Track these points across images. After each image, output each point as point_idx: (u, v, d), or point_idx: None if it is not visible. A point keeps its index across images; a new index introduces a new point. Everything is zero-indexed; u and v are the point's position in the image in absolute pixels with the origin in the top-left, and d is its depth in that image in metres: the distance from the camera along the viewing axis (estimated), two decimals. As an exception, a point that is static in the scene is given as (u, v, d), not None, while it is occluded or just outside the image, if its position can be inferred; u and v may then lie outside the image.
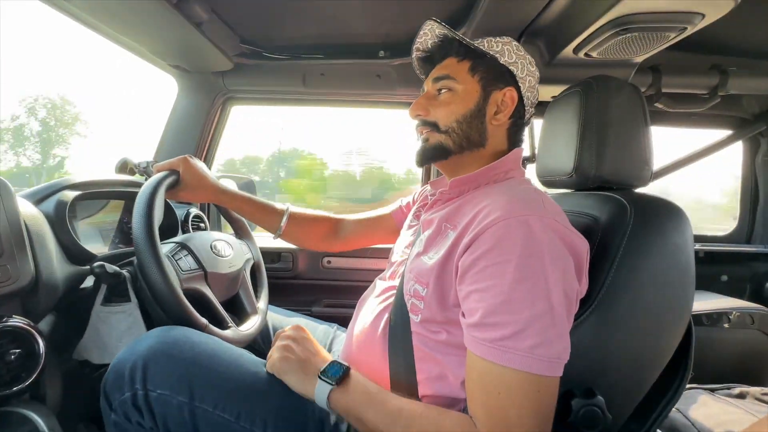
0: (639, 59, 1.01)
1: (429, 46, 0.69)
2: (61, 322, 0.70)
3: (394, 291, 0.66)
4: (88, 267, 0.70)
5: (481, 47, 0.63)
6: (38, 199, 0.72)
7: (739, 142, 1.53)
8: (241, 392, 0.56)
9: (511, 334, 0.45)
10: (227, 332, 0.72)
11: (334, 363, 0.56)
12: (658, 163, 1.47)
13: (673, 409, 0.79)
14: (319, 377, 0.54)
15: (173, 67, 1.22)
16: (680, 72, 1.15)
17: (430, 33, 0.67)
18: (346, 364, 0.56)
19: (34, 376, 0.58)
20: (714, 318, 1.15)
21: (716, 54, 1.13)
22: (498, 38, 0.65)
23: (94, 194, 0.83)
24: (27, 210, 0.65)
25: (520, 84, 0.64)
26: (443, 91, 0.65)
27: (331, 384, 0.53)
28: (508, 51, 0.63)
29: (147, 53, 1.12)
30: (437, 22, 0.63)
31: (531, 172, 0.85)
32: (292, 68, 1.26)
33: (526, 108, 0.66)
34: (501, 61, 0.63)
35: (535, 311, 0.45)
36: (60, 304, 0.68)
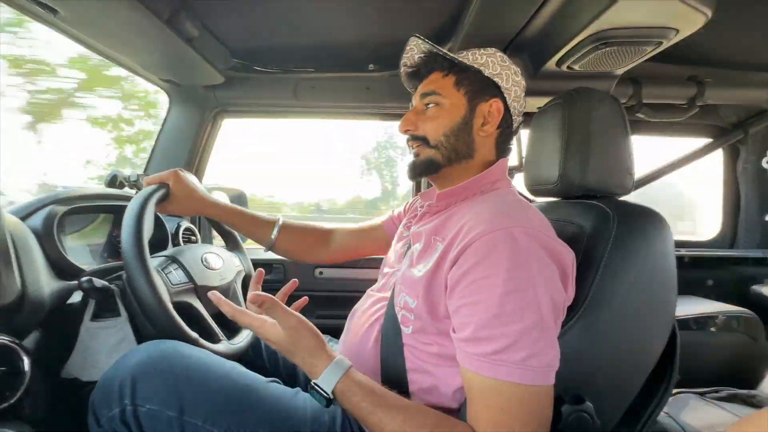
0: (620, 71, 1.04)
1: (416, 60, 0.71)
2: (46, 339, 0.69)
3: (386, 303, 0.66)
4: (76, 282, 0.70)
5: (465, 61, 0.64)
6: (26, 214, 0.71)
7: (719, 150, 1.58)
8: (231, 406, 0.55)
9: (504, 347, 0.45)
10: (218, 346, 0.71)
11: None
12: (640, 171, 1.52)
13: (663, 413, 0.80)
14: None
15: (165, 81, 1.23)
16: (660, 83, 1.20)
17: (415, 48, 0.68)
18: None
19: (18, 395, 0.56)
20: (701, 322, 1.16)
21: (694, 65, 1.18)
22: (483, 50, 0.66)
23: (83, 208, 0.82)
24: (14, 225, 0.65)
25: (505, 94, 0.65)
26: (430, 105, 0.66)
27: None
28: (492, 63, 0.65)
29: (138, 68, 1.13)
30: (421, 38, 0.64)
31: (519, 181, 0.87)
32: (283, 81, 1.27)
33: (513, 117, 0.68)
34: (486, 74, 0.64)
35: (526, 323, 0.46)
36: (46, 320, 0.67)
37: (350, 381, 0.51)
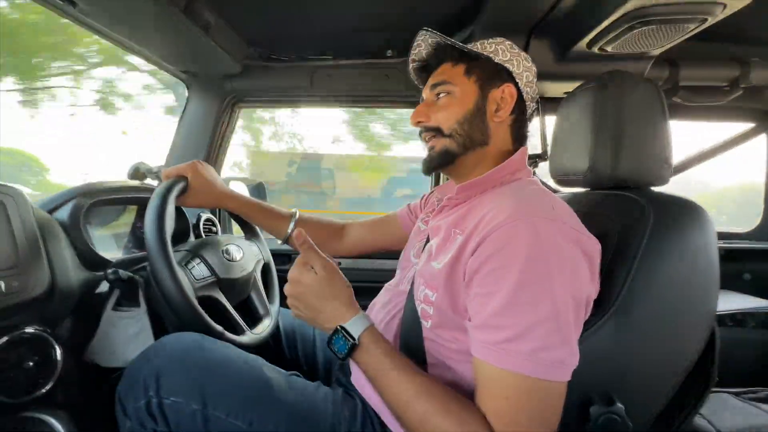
0: (656, 52, 0.97)
1: (424, 55, 0.70)
2: (78, 327, 0.71)
3: (405, 297, 0.65)
4: (103, 273, 0.71)
5: (475, 50, 0.63)
6: (54, 207, 0.73)
7: (763, 135, 1.47)
8: (253, 399, 0.56)
9: (513, 337, 0.45)
10: (243, 338, 0.72)
11: (338, 336, 0.53)
12: (676, 157, 1.44)
13: (698, 413, 0.77)
14: (328, 347, 0.54)
15: (182, 71, 1.24)
16: (699, 64, 1.11)
17: (423, 43, 0.67)
18: (353, 336, 0.52)
19: (51, 383, 0.59)
20: (738, 319, 1.11)
21: (737, 44, 1.09)
22: (491, 40, 0.65)
23: (107, 201, 0.84)
24: (42, 218, 0.67)
25: (517, 80, 0.64)
26: (441, 95, 0.65)
27: (338, 358, 0.53)
28: (501, 50, 0.63)
29: (157, 58, 1.13)
30: (429, 31, 0.63)
31: (542, 170, 0.83)
32: (300, 70, 1.26)
33: (526, 103, 0.66)
34: (496, 60, 0.63)
35: (539, 315, 0.45)
36: (77, 309, 0.69)
37: (376, 334, 0.54)
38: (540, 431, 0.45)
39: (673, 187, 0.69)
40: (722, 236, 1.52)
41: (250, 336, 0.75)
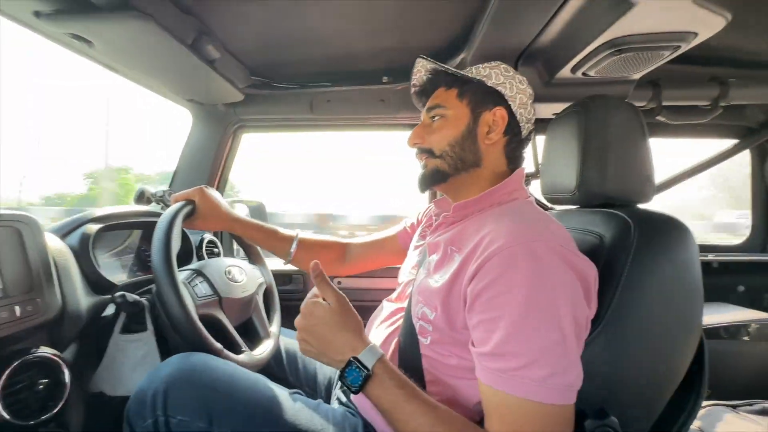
0: (637, 76, 1.03)
1: (423, 80, 0.74)
2: (83, 351, 0.73)
3: (403, 313, 0.67)
4: (110, 296, 0.73)
5: (468, 74, 0.67)
6: (64, 233, 0.76)
7: (746, 151, 1.52)
8: (257, 417, 0.57)
9: (525, 365, 0.45)
10: (241, 357, 0.73)
11: (352, 367, 0.52)
12: (663, 174, 1.48)
13: (694, 427, 0.78)
14: (340, 380, 0.53)
15: (188, 101, 1.29)
16: (680, 85, 1.16)
17: (422, 69, 0.72)
18: (364, 372, 0.51)
19: (60, 405, 0.60)
20: (732, 331, 1.12)
21: (715, 65, 1.14)
22: (486, 64, 0.68)
23: (115, 226, 0.87)
24: (54, 244, 0.69)
25: (509, 102, 0.66)
26: (436, 118, 0.68)
27: (351, 391, 0.52)
28: (495, 74, 0.66)
29: (164, 90, 1.19)
30: (424, 58, 0.68)
31: (535, 188, 0.87)
32: (300, 96, 1.31)
33: (521, 125, 0.67)
34: (488, 84, 0.66)
35: (548, 341, 0.45)
36: (83, 333, 0.71)
37: (388, 366, 0.53)
38: None
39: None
40: (715, 249, 1.54)
41: (249, 356, 0.76)
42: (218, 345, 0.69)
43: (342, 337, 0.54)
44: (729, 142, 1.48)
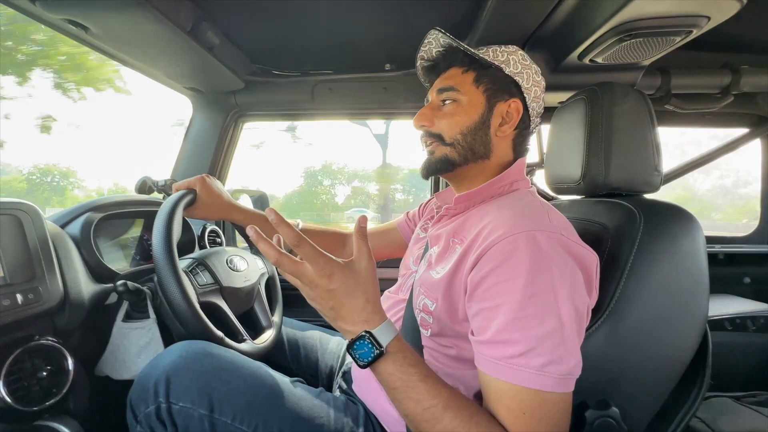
0: (646, 62, 1.00)
1: (433, 54, 0.69)
2: (87, 338, 0.74)
3: (404, 305, 0.66)
4: (112, 285, 0.74)
5: (486, 57, 0.62)
6: (66, 221, 0.76)
7: (757, 140, 1.48)
8: (258, 405, 0.57)
9: (522, 352, 0.45)
10: (242, 345, 0.74)
11: (363, 341, 0.47)
12: (672, 163, 1.46)
13: (697, 418, 0.77)
14: (348, 352, 0.48)
15: (188, 89, 1.28)
16: (690, 72, 1.13)
17: (434, 42, 0.67)
18: (376, 351, 0.47)
19: (64, 391, 0.61)
20: (738, 323, 1.11)
21: (727, 52, 1.11)
22: (504, 47, 0.64)
23: (116, 214, 0.87)
24: (55, 233, 0.69)
25: (525, 94, 0.63)
26: (447, 102, 0.64)
27: (358, 364, 0.48)
28: (513, 61, 0.63)
29: (164, 77, 1.17)
30: (441, 31, 0.63)
31: (539, 177, 0.86)
32: (301, 84, 1.29)
33: (531, 118, 0.65)
34: (506, 72, 0.62)
35: (546, 329, 0.45)
36: (86, 321, 0.71)
37: (404, 344, 0.49)
38: None
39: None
40: (721, 240, 1.52)
41: (250, 345, 0.76)
42: (220, 333, 0.69)
43: (359, 305, 0.48)
44: (739, 131, 1.45)
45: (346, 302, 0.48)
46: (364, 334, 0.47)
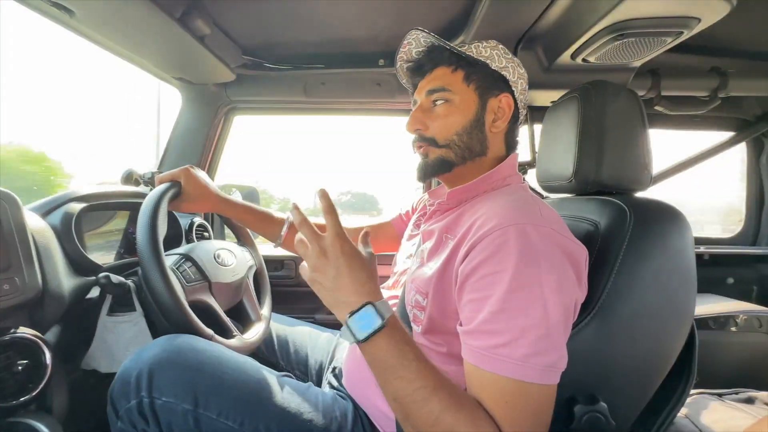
0: (637, 63, 1.01)
1: (414, 55, 0.69)
2: (67, 333, 0.71)
3: (397, 301, 0.66)
4: (94, 278, 0.71)
5: (471, 54, 0.62)
6: (45, 211, 0.73)
7: (742, 144, 1.52)
8: (244, 399, 0.56)
9: (505, 342, 0.45)
10: (232, 341, 0.73)
11: (364, 312, 0.47)
12: (659, 166, 1.48)
13: (681, 414, 0.79)
14: (347, 324, 0.47)
15: (177, 79, 1.25)
16: (680, 75, 1.16)
17: (414, 42, 0.66)
18: (379, 321, 0.46)
19: (40, 387, 0.58)
20: (721, 321, 1.13)
21: (716, 56, 1.13)
22: (484, 42, 0.63)
23: (100, 206, 0.84)
24: (34, 222, 0.67)
25: (513, 88, 0.64)
26: (439, 102, 0.63)
27: (353, 341, 0.47)
28: (497, 56, 0.63)
29: (151, 66, 1.15)
30: (423, 31, 0.62)
31: (532, 176, 0.86)
32: (293, 78, 1.28)
33: (519, 110, 0.66)
34: (493, 67, 0.62)
35: (530, 320, 0.45)
36: (66, 315, 0.69)
37: (399, 321, 0.49)
38: (539, 431, 0.45)
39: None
40: (706, 242, 1.56)
41: (240, 340, 0.75)
42: (209, 331, 0.68)
43: (362, 279, 0.48)
44: (725, 135, 1.48)
45: (350, 273, 0.48)
46: (366, 304, 0.47)
